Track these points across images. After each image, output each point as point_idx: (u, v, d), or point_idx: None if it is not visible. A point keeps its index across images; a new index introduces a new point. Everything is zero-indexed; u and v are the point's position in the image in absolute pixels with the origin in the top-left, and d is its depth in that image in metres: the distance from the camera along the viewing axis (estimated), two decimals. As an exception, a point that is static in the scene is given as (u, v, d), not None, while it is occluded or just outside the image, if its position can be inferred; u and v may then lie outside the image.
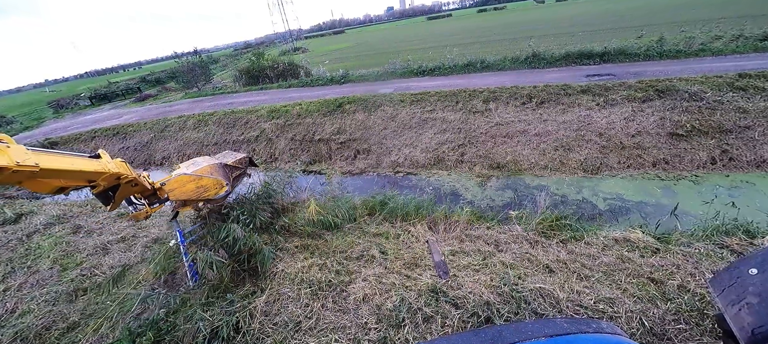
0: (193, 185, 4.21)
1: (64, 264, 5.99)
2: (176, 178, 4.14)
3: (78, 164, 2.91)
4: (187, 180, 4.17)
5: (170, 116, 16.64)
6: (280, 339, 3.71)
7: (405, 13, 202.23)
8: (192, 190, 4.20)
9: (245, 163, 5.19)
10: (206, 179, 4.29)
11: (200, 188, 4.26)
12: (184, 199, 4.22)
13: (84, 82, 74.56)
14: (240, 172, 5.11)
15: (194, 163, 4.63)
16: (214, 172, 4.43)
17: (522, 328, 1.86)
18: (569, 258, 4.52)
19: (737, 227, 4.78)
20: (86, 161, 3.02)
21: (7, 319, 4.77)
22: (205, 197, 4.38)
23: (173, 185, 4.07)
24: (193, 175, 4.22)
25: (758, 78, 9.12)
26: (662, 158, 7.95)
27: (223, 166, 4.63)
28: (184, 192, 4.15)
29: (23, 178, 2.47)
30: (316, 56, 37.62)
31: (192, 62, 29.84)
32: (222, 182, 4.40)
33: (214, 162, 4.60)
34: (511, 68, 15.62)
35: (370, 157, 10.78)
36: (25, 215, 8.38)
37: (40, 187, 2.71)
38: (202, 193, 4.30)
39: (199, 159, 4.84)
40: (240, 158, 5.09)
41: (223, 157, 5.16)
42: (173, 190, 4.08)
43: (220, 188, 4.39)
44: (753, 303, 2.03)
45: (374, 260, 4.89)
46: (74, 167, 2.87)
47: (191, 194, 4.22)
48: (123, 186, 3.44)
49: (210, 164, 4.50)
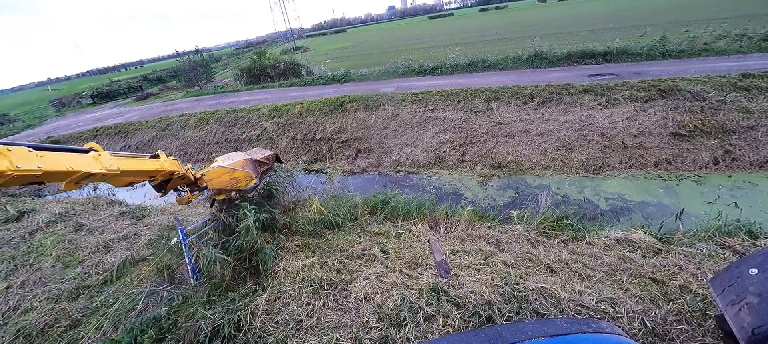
0: (227, 176, 4.70)
1: (67, 262, 6.02)
2: (213, 170, 4.67)
3: (145, 165, 3.68)
4: (223, 172, 4.68)
5: (172, 115, 16.68)
6: (282, 338, 3.72)
7: (406, 12, 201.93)
8: (226, 181, 4.71)
9: (272, 159, 5.68)
10: (238, 172, 4.73)
11: (233, 179, 4.74)
12: (219, 188, 4.77)
13: (86, 81, 74.79)
14: (268, 167, 5.54)
15: (229, 157, 5.08)
16: (246, 166, 4.85)
17: (523, 328, 1.87)
18: (571, 258, 4.51)
19: (740, 228, 4.76)
20: (150, 162, 3.78)
21: (10, 316, 4.80)
22: (237, 188, 4.84)
23: (211, 176, 4.65)
24: (228, 167, 4.69)
25: (762, 78, 9.07)
26: (664, 158, 7.92)
27: (253, 161, 5.05)
28: (219, 182, 4.70)
29: (108, 178, 3.23)
30: (317, 55, 37.64)
31: (193, 61, 29.92)
32: (252, 175, 4.84)
33: (246, 157, 5.02)
34: (512, 68, 15.58)
35: (372, 156, 10.78)
36: (27, 213, 8.43)
37: (117, 183, 3.51)
38: (234, 184, 4.76)
39: (233, 154, 5.28)
40: (268, 154, 5.55)
41: (253, 153, 5.62)
42: (211, 180, 4.66)
43: (249, 180, 4.83)
44: (753, 303, 2.02)
45: (375, 259, 4.90)
46: (142, 168, 3.64)
47: (225, 185, 4.74)
48: (174, 179, 4.23)
49: (242, 159, 4.93)
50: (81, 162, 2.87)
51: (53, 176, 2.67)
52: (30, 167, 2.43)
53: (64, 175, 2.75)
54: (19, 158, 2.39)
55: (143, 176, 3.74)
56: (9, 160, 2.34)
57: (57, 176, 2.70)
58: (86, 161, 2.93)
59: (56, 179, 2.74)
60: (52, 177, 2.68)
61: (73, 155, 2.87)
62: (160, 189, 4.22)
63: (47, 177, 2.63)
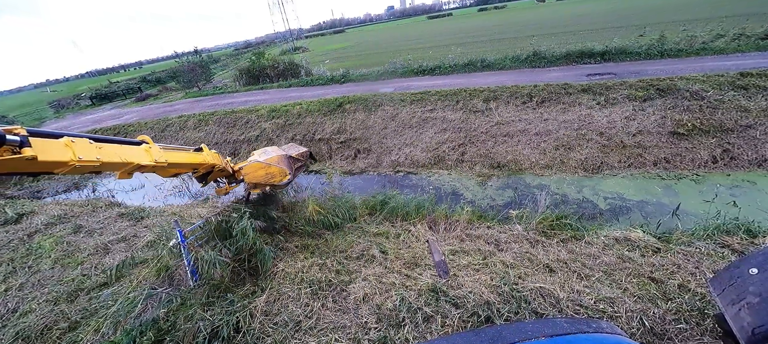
0: (263, 171, 4.93)
1: (65, 264, 6.00)
2: (250, 164, 4.88)
3: (190, 158, 3.96)
4: (259, 167, 4.91)
5: (171, 116, 16.65)
6: (281, 339, 3.71)
7: (405, 13, 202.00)
8: (262, 176, 4.94)
9: (306, 156, 5.84)
10: (274, 168, 4.95)
11: (268, 174, 4.95)
12: (255, 182, 4.98)
13: (85, 82, 74.66)
14: (301, 164, 5.71)
15: (265, 152, 5.28)
16: (281, 162, 5.06)
17: (522, 328, 1.86)
18: (570, 258, 4.51)
19: (738, 227, 4.77)
20: (194, 155, 4.05)
21: (9, 319, 4.78)
22: (271, 183, 5.03)
23: (248, 171, 4.88)
24: (264, 163, 4.91)
25: (760, 77, 9.08)
26: (663, 157, 7.93)
27: (288, 157, 5.26)
28: (255, 177, 4.92)
29: (157, 169, 3.46)
30: (316, 56, 37.63)
31: (192, 62, 29.90)
32: (286, 172, 5.03)
33: (281, 153, 5.22)
34: (511, 67, 15.59)
35: (371, 156, 10.78)
36: (26, 215, 8.40)
37: (164, 174, 3.74)
38: (269, 179, 4.97)
39: (269, 149, 5.49)
40: (302, 151, 5.73)
41: (288, 149, 5.79)
42: (248, 174, 4.89)
43: (284, 176, 5.02)
44: (753, 302, 2.02)
45: (374, 259, 4.90)
46: (187, 161, 3.90)
47: (261, 179, 4.95)
48: (215, 171, 4.52)
49: (278, 155, 5.14)
50: (134, 154, 3.09)
51: (109, 167, 2.86)
52: (90, 158, 2.63)
53: (119, 166, 2.94)
54: (81, 150, 2.59)
55: (187, 169, 4.00)
56: (72, 151, 2.52)
57: (112, 167, 2.89)
58: (138, 153, 3.16)
59: (111, 169, 2.92)
60: (108, 167, 2.86)
61: (128, 148, 3.08)
62: (201, 180, 4.56)
63: (104, 167, 2.81)
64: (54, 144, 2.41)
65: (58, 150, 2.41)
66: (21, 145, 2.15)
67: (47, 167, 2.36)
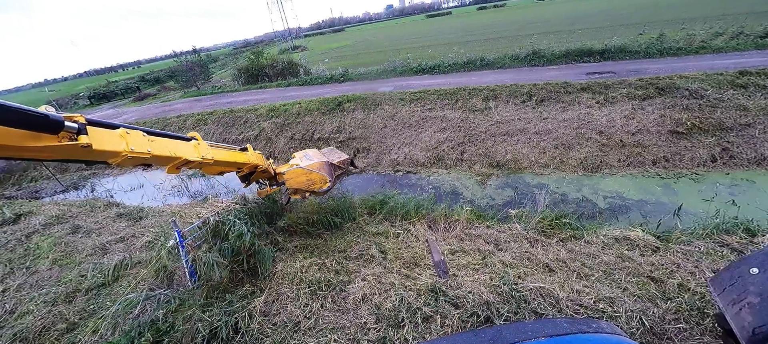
0: (304, 177, 4.91)
1: (63, 264, 5.98)
2: (293, 170, 4.90)
3: (235, 157, 4.00)
4: (301, 173, 4.91)
5: (169, 116, 16.62)
6: (279, 340, 3.70)
7: (405, 11, 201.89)
8: (303, 182, 4.93)
9: (347, 164, 5.73)
10: (315, 174, 4.93)
11: (309, 181, 4.93)
12: (296, 188, 4.97)
13: (83, 82, 74.44)
14: (342, 171, 5.61)
15: (306, 155, 5.29)
16: (322, 169, 5.02)
17: (522, 328, 1.85)
18: (569, 257, 4.51)
19: (737, 226, 4.77)
20: (239, 154, 4.10)
21: (7, 320, 4.76)
22: (312, 189, 5.00)
23: (290, 176, 4.89)
24: (306, 169, 4.91)
25: (759, 75, 9.09)
26: (662, 156, 7.93)
27: (329, 164, 5.20)
28: (297, 182, 4.92)
29: (203, 166, 3.48)
30: (315, 55, 37.55)
31: (191, 61, 29.83)
32: (326, 179, 4.99)
33: (322, 160, 5.19)
34: (511, 66, 15.57)
35: (370, 155, 10.76)
36: (24, 216, 8.37)
37: (210, 172, 3.84)
38: (309, 185, 4.95)
39: (310, 152, 5.49)
40: (344, 158, 5.62)
41: (329, 153, 5.72)
42: (289, 179, 4.90)
43: (324, 183, 4.97)
44: (754, 302, 2.02)
45: (373, 259, 4.88)
46: (232, 159, 3.92)
47: (301, 185, 4.94)
48: (257, 172, 4.59)
49: (319, 161, 5.11)
50: (183, 149, 3.15)
51: (158, 160, 2.91)
52: (142, 151, 2.67)
53: (168, 160, 3.00)
54: (134, 141, 2.64)
55: (232, 167, 4.05)
56: (126, 142, 2.56)
57: (161, 161, 2.93)
58: (187, 148, 3.22)
59: (160, 163, 2.96)
60: (158, 161, 2.90)
61: (177, 142, 3.16)
62: (244, 180, 4.65)
63: (154, 160, 2.85)
64: (110, 134, 2.47)
65: (113, 140, 2.47)
66: (78, 132, 2.21)
67: (101, 155, 2.41)
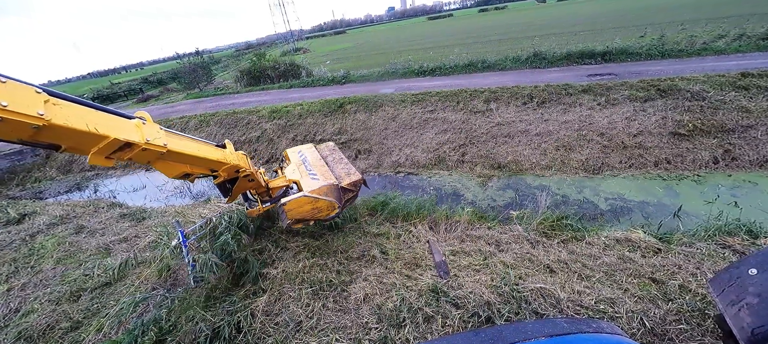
0: (310, 206, 4.26)
1: (67, 264, 6.02)
2: (295, 199, 4.17)
3: (203, 151, 3.07)
4: (306, 201, 4.21)
5: (172, 117, 16.69)
6: (281, 339, 3.72)
7: (406, 13, 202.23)
8: (308, 211, 4.28)
9: (359, 186, 5.04)
10: (322, 201, 4.31)
11: (315, 209, 4.31)
12: (298, 218, 4.28)
13: (86, 83, 74.85)
14: (353, 195, 4.98)
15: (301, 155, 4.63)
16: (330, 193, 4.42)
17: (522, 328, 1.86)
18: (570, 258, 4.51)
19: (740, 227, 4.77)
20: (211, 149, 3.20)
21: (11, 319, 4.80)
22: (317, 218, 4.43)
23: (291, 206, 4.13)
24: (311, 196, 4.24)
25: (761, 77, 9.07)
26: (664, 157, 7.92)
27: (338, 188, 4.59)
28: (300, 212, 4.23)
29: (152, 158, 2.67)
30: (317, 56, 37.68)
31: (194, 63, 29.95)
32: (335, 205, 4.41)
33: (330, 183, 4.51)
34: (512, 68, 15.59)
35: (371, 157, 10.79)
36: (28, 216, 8.43)
37: (167, 169, 2.91)
38: (315, 214, 4.36)
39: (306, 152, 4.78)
40: (355, 179, 4.85)
41: (337, 167, 4.98)
42: (291, 210, 4.15)
43: (331, 210, 4.41)
44: (753, 303, 2.02)
45: (375, 260, 4.90)
46: (199, 154, 3.01)
47: (306, 215, 4.29)
48: (240, 180, 3.70)
49: (327, 184, 4.43)
50: (115, 126, 2.53)
51: (62, 134, 2.58)
52: (158, 144, 2.53)
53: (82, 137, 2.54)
54: (149, 132, 2.51)
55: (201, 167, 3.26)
56: (141, 133, 2.44)
57: (70, 136, 2.53)
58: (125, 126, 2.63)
59: (68, 140, 2.56)
60: (61, 135, 2.51)
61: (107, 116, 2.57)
62: (225, 193, 3.75)
63: (54, 133, 2.50)
64: None
65: None
66: None
67: None
